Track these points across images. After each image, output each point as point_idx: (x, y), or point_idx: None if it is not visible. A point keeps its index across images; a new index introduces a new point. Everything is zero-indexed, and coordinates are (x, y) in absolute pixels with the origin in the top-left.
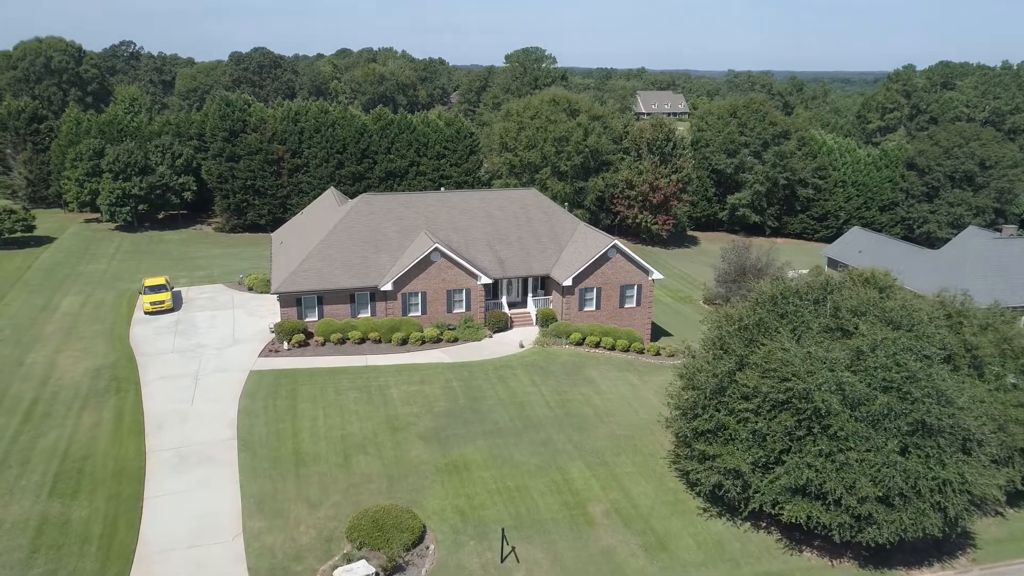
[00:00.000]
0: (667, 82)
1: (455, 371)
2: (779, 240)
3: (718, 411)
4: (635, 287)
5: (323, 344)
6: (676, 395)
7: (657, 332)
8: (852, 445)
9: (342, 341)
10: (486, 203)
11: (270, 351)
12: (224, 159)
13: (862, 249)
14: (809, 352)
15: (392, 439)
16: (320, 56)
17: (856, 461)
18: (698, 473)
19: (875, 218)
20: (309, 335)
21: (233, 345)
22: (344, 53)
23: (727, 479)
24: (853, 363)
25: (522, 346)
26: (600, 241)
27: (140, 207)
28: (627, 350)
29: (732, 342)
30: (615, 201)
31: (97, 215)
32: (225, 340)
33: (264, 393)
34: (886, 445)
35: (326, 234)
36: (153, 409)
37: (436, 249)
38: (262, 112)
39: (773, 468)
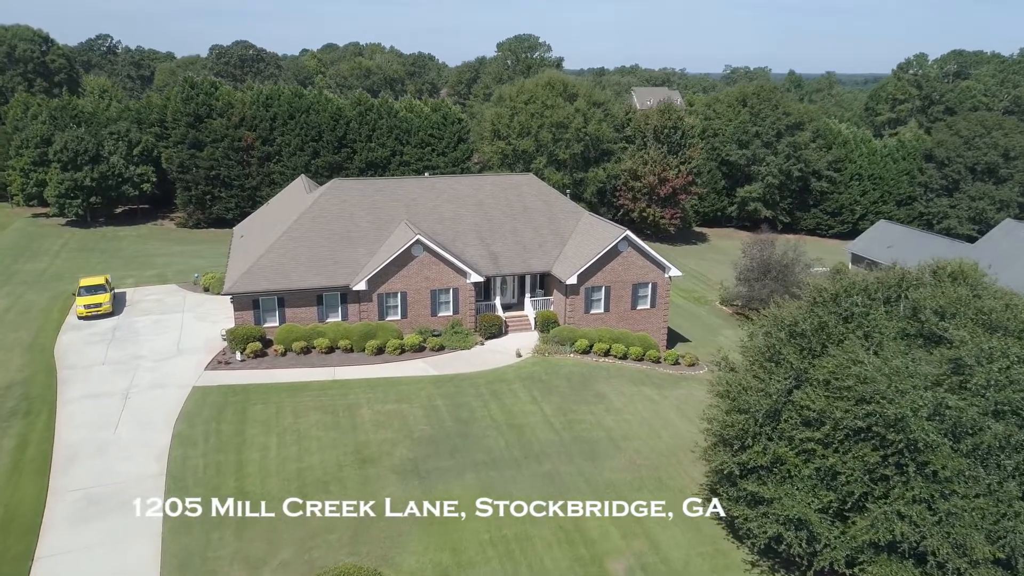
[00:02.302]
0: (662, 79)
1: (440, 386)
2: (790, 236)
3: (771, 440)
4: (649, 286)
5: (284, 354)
6: (718, 419)
7: (673, 338)
8: (958, 488)
9: (306, 350)
10: (477, 190)
11: (220, 363)
12: (186, 146)
13: (891, 244)
14: (895, 367)
15: (360, 474)
16: (305, 51)
17: (964, 510)
18: (749, 522)
19: (892, 213)
20: (268, 343)
21: (177, 355)
22: (330, 48)
23: (788, 530)
24: (949, 380)
25: (519, 355)
26: (609, 232)
27: (92, 200)
28: (641, 359)
29: (786, 352)
30: (618, 193)
31: (46, 209)
32: (168, 350)
33: (207, 415)
34: (1001, 488)
35: (290, 225)
36: (66, 437)
37: (418, 242)
38: (230, 96)
39: (848, 516)
